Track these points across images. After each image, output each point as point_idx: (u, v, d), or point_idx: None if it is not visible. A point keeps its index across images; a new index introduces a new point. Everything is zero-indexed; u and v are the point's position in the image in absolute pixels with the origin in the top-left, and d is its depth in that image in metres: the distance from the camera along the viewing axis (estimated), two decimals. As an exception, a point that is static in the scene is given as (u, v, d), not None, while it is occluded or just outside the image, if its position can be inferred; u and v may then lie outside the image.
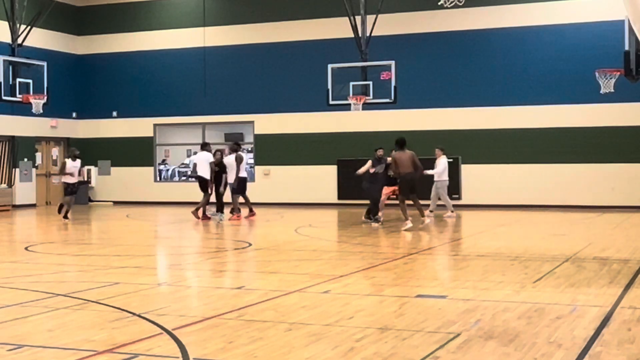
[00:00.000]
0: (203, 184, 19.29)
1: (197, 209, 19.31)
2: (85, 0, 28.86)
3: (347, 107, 22.11)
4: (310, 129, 25.73)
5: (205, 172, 19.20)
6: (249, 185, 20.47)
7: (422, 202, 16.78)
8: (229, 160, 19.45)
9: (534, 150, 23.61)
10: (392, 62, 21.76)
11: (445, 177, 20.06)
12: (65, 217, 19.27)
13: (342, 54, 23.22)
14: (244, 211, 19.83)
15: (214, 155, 19.58)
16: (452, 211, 19.90)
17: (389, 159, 17.26)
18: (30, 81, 21.04)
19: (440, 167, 19.98)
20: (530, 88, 23.69)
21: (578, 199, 23.05)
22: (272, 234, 16.92)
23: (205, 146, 19.88)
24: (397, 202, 16.75)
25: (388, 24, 23.72)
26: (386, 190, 17.91)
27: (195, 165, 19.58)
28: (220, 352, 5.97)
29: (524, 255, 11.87)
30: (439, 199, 20.16)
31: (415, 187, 16.36)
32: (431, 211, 19.79)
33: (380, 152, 17.93)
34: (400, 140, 16.56)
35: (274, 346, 6.13)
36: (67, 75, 27.82)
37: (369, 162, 17.92)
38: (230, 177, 19.26)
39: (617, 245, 13.43)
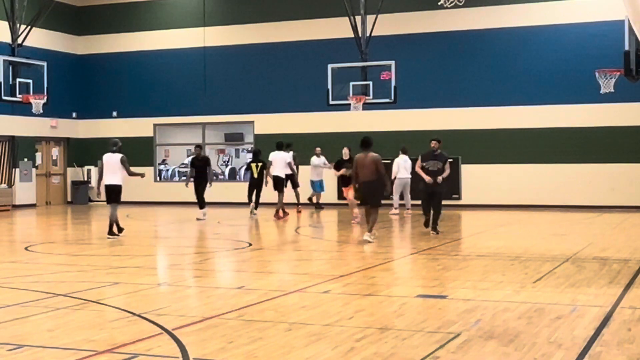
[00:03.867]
0: (279, 183, 19.96)
1: (277, 211, 19.85)
2: (85, 0, 28.86)
3: (347, 107, 22.11)
4: (310, 129, 25.72)
5: (281, 171, 20.01)
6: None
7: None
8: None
9: (534, 150, 23.61)
10: (392, 62, 21.76)
11: (403, 174, 20.51)
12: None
13: (342, 54, 23.21)
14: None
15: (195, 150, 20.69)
16: (408, 208, 20.51)
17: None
18: (30, 81, 21.04)
19: (395, 167, 20.65)
20: (530, 88, 23.69)
21: (578, 199, 23.04)
22: (272, 234, 16.92)
23: (280, 146, 20.44)
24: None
25: (388, 24, 23.71)
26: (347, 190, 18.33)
27: (270, 163, 20.25)
28: (220, 352, 5.97)
29: (524, 255, 11.87)
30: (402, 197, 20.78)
31: (376, 197, 13.81)
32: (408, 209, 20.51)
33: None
34: (364, 140, 13.99)
35: (274, 346, 6.13)
36: (67, 75, 27.81)
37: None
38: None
39: (617, 245, 13.43)
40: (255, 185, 20.30)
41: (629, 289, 8.79)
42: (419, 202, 15.88)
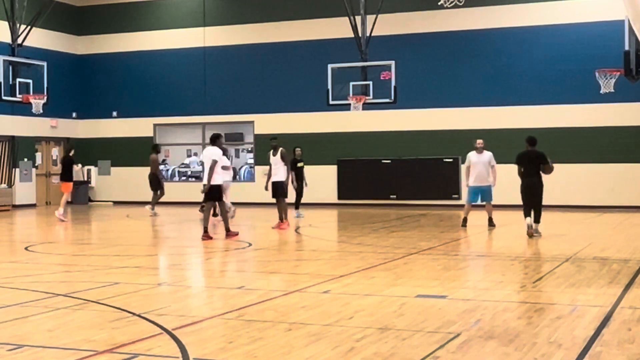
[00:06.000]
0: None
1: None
2: (85, 0, 28.87)
3: (347, 107, 22.10)
4: (310, 129, 25.72)
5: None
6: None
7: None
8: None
9: (534, 150, 23.56)
10: (392, 62, 21.74)
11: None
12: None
13: (342, 54, 23.21)
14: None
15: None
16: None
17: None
18: (30, 81, 21.03)
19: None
20: (530, 88, 23.68)
21: (578, 199, 23.04)
22: (272, 234, 16.90)
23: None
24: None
25: (388, 24, 23.71)
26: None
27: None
28: (220, 352, 5.97)
29: (524, 255, 11.88)
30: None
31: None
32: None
33: None
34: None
35: (274, 346, 6.13)
36: (67, 75, 27.81)
37: None
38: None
39: (617, 245, 13.43)
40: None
41: (629, 289, 8.78)
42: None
